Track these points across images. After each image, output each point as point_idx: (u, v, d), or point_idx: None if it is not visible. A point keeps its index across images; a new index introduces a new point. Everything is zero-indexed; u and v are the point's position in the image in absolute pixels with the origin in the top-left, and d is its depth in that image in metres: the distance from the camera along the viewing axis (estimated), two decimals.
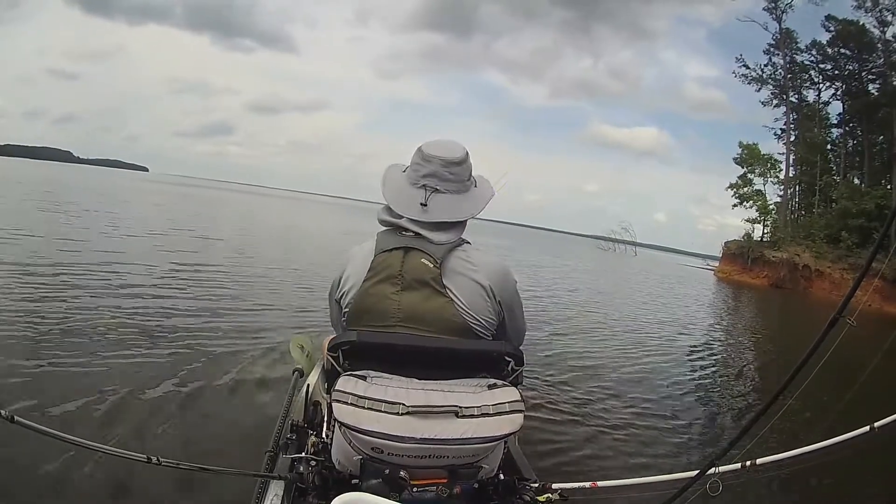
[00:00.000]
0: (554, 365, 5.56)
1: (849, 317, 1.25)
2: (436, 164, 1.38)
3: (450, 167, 1.38)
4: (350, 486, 1.25)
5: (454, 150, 1.40)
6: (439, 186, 1.38)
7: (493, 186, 1.50)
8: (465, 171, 1.41)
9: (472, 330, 1.33)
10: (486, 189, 1.49)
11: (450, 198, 1.39)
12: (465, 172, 1.42)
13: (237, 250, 12.15)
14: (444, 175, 1.38)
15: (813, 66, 34.33)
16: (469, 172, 1.44)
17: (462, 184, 1.41)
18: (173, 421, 3.13)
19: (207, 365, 4.10)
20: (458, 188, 1.40)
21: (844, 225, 28.31)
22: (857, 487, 3.28)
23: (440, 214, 1.36)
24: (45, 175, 39.29)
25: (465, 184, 1.42)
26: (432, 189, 1.37)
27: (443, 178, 1.38)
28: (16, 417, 1.17)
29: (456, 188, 1.40)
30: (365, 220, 29.26)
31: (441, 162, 1.38)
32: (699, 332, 10.43)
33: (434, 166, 1.38)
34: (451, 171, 1.39)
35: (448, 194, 1.39)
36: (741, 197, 35.68)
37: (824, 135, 34.45)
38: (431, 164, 1.38)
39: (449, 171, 1.38)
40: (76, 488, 2.31)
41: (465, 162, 1.41)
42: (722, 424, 4.66)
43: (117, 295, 5.91)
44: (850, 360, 1.62)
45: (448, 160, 1.38)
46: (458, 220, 1.39)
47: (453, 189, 1.39)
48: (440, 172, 1.38)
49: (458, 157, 1.40)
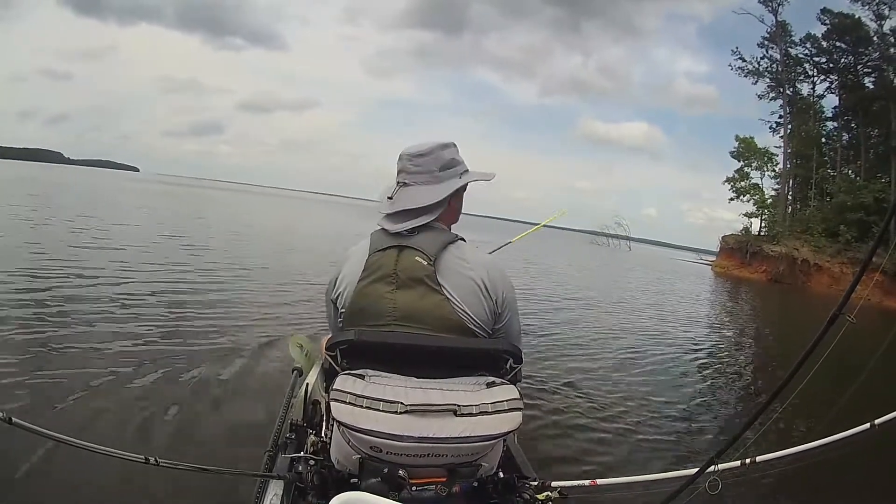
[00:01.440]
0: (553, 364, 5.56)
1: (849, 314, 1.25)
2: (404, 161, 1.44)
3: (413, 160, 1.42)
4: (349, 485, 1.25)
5: (422, 145, 1.44)
6: (407, 180, 1.42)
7: (485, 175, 1.51)
8: (433, 162, 1.42)
9: (468, 327, 1.32)
10: (466, 178, 1.48)
11: (417, 189, 1.41)
12: (435, 163, 1.43)
13: (236, 250, 12.14)
14: (409, 168, 1.42)
15: (807, 59, 34.47)
16: (441, 163, 1.43)
17: (431, 174, 1.42)
18: (172, 421, 3.13)
19: (206, 365, 4.10)
20: (427, 179, 1.42)
21: (843, 219, 28.37)
22: (858, 485, 3.28)
23: (401, 204, 1.40)
24: (35, 176, 38.83)
25: (435, 175, 1.42)
26: (402, 183, 1.43)
27: (409, 171, 1.42)
28: (13, 419, 1.16)
29: (424, 179, 1.42)
30: (360, 217, 29.24)
31: (407, 157, 1.43)
32: (700, 328, 10.46)
33: (403, 162, 1.44)
34: (415, 164, 1.42)
35: (416, 186, 1.42)
36: (738, 191, 35.69)
37: (818, 128, 34.48)
38: (401, 160, 1.45)
39: (413, 164, 1.42)
40: (74, 490, 2.31)
41: (432, 153, 1.43)
42: (722, 422, 4.66)
43: (114, 296, 5.90)
44: (850, 356, 1.62)
45: (412, 153, 1.43)
46: (414, 207, 1.39)
47: (421, 181, 1.42)
48: (406, 167, 1.43)
49: (423, 150, 1.43)
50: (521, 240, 2.88)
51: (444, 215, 1.44)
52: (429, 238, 1.36)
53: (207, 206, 33.38)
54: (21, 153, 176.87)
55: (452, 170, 1.45)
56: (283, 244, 15.94)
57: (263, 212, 35.49)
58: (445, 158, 1.44)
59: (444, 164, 1.44)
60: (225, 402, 3.51)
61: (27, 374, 3.41)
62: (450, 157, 1.45)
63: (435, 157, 1.43)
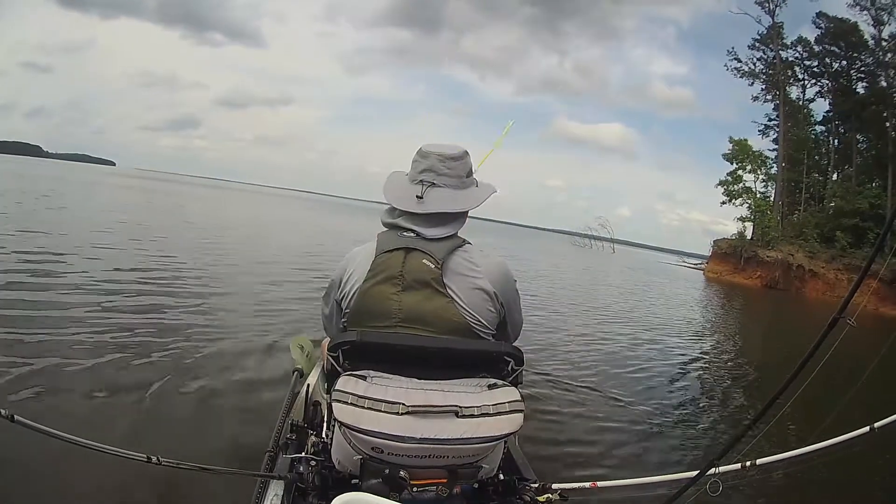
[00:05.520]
0: (553, 366, 5.55)
1: (849, 317, 1.26)
2: (433, 160, 1.40)
3: (446, 162, 1.40)
4: (350, 485, 1.25)
5: (452, 147, 1.43)
6: (436, 181, 1.39)
7: (495, 187, 1.51)
8: (462, 168, 1.42)
9: (473, 330, 1.33)
10: (486, 188, 1.50)
11: (447, 191, 1.40)
12: (463, 169, 1.43)
13: (235, 251, 12.09)
14: (440, 169, 1.40)
15: (798, 62, 34.29)
16: (468, 170, 1.44)
17: (460, 179, 1.42)
18: (173, 421, 3.12)
19: (207, 365, 4.08)
20: (456, 183, 1.41)
21: (838, 224, 28.15)
22: (857, 488, 3.29)
23: (435, 206, 1.37)
24: (11, 171, 38.01)
25: (462, 180, 1.43)
26: (429, 183, 1.39)
27: (439, 173, 1.40)
28: (16, 417, 1.16)
29: (454, 183, 1.41)
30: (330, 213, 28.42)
31: (438, 157, 1.40)
32: (699, 334, 10.45)
33: (431, 161, 1.40)
34: (447, 166, 1.40)
35: (445, 188, 1.40)
36: (730, 194, 34.82)
37: (808, 132, 34.13)
38: (428, 159, 1.41)
39: (445, 166, 1.40)
40: (76, 488, 2.30)
41: (463, 159, 1.43)
42: (722, 425, 4.66)
43: (115, 293, 5.87)
44: (849, 361, 1.62)
45: (445, 155, 1.41)
46: (454, 211, 1.39)
47: (451, 184, 1.40)
48: (437, 167, 1.40)
49: (456, 153, 1.42)
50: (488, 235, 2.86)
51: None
52: (437, 241, 1.36)
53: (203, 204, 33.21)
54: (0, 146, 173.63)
55: (471, 178, 1.47)
56: (287, 243, 15.88)
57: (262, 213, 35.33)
58: (469, 166, 1.45)
59: (468, 171, 1.45)
60: (226, 402, 3.49)
61: (28, 374, 3.39)
62: (470, 166, 1.46)
63: (464, 162, 1.43)
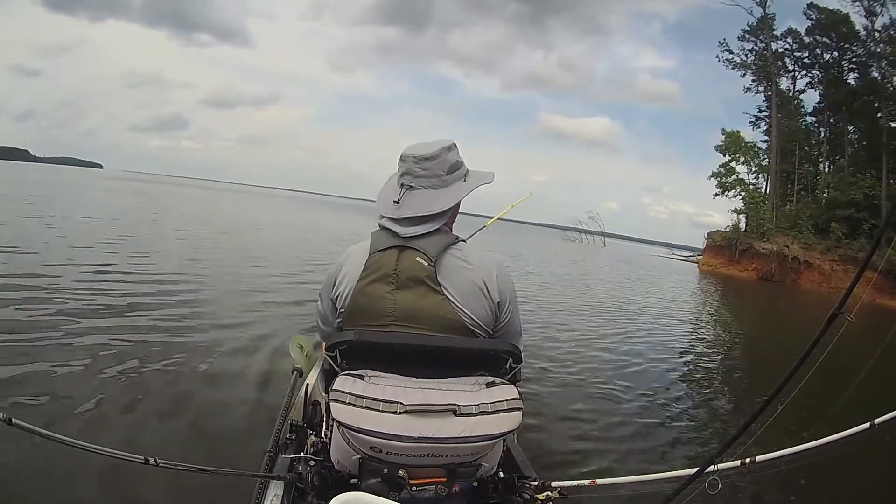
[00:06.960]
0: (552, 364, 5.55)
1: (847, 313, 1.25)
2: (409, 163, 1.41)
3: (421, 163, 1.40)
4: (349, 485, 1.25)
5: (428, 147, 1.42)
6: (413, 183, 1.41)
7: (489, 176, 1.51)
8: (440, 166, 1.41)
9: (468, 327, 1.32)
10: (475, 178, 1.49)
11: (424, 193, 1.40)
12: (442, 167, 1.42)
13: (237, 250, 12.08)
14: (416, 171, 1.41)
15: (788, 53, 34.26)
16: (449, 166, 1.43)
17: (438, 178, 1.41)
18: (171, 422, 3.11)
19: (206, 365, 4.08)
20: (434, 183, 1.41)
21: (832, 215, 28.18)
22: (858, 484, 3.31)
23: (410, 210, 1.38)
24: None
25: (442, 178, 1.42)
26: (407, 186, 1.41)
27: (416, 175, 1.41)
28: (13, 420, 1.16)
29: (431, 183, 1.41)
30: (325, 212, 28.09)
31: (413, 159, 1.41)
32: (696, 328, 10.49)
33: (408, 164, 1.42)
34: (422, 167, 1.40)
35: (423, 190, 1.40)
36: (723, 186, 34.72)
37: (799, 123, 34.14)
38: (406, 163, 1.42)
39: (421, 168, 1.40)
40: (74, 490, 2.30)
41: (439, 157, 1.41)
42: (721, 422, 4.66)
43: (113, 296, 5.86)
44: (848, 356, 1.62)
45: (419, 156, 1.41)
46: (427, 213, 1.38)
47: (428, 184, 1.41)
48: (413, 169, 1.41)
49: (430, 153, 1.41)
50: (490, 230, 2.90)
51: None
52: (430, 239, 1.35)
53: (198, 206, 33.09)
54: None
55: (457, 172, 1.45)
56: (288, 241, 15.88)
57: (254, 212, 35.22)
58: (451, 161, 1.43)
59: (451, 167, 1.43)
60: (225, 401, 3.49)
61: (26, 376, 3.38)
62: (455, 160, 1.44)
63: (441, 160, 1.42)
